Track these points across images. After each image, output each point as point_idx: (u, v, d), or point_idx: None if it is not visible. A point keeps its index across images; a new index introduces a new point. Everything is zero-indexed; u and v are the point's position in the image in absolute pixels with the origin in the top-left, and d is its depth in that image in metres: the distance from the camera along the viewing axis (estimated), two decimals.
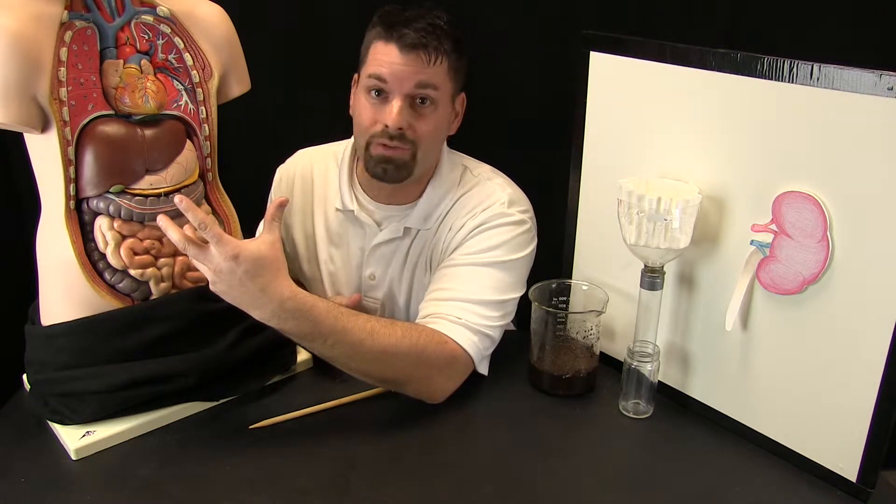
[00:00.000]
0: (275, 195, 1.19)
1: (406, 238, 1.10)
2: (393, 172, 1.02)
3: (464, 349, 0.97)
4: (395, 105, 0.98)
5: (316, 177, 1.15)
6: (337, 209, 1.12)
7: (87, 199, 0.87)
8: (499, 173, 1.12)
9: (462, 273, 1.03)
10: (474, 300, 0.99)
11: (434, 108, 1.00)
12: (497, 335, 1.03)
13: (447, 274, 1.04)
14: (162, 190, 0.89)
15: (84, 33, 0.84)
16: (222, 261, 0.81)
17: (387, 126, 0.98)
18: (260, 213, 1.28)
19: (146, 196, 0.88)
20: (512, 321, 1.05)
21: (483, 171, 1.11)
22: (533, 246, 1.07)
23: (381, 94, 0.99)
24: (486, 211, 1.05)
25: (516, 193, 1.08)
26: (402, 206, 1.09)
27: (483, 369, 1.02)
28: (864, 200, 0.76)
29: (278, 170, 1.20)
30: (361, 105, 1.02)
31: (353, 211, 1.10)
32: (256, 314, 0.84)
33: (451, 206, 1.08)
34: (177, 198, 0.82)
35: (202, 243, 0.82)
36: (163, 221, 0.83)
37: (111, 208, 0.86)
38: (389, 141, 0.99)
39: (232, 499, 0.79)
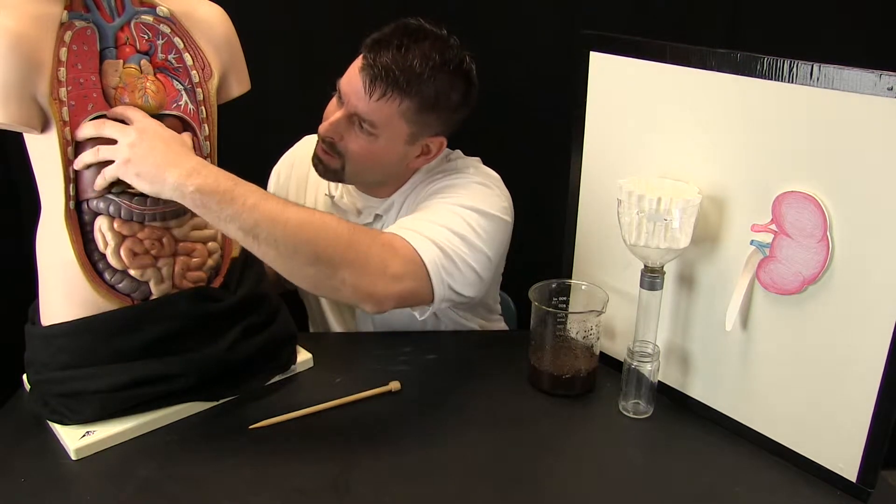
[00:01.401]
0: (273, 176, 1.25)
1: (377, 223, 1.13)
2: (323, 172, 1.06)
3: (412, 246, 0.91)
4: (335, 115, 1.01)
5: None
6: (326, 194, 1.17)
7: (88, 199, 0.87)
8: (483, 167, 1.12)
9: (425, 206, 1.01)
10: (438, 222, 0.96)
11: (373, 138, 1.00)
12: (465, 270, 0.96)
13: (412, 213, 1.03)
14: None
15: (84, 33, 0.84)
16: (141, 118, 0.82)
17: None
18: None
19: (146, 196, 0.88)
20: (509, 321, 1.06)
21: (467, 161, 1.12)
22: (507, 219, 1.05)
23: (341, 100, 1.01)
24: (450, 176, 1.06)
25: (492, 176, 1.09)
26: (378, 199, 1.13)
27: (441, 293, 0.95)
28: (864, 200, 0.76)
29: (285, 153, 1.25)
30: (331, 101, 1.05)
31: (334, 197, 1.15)
32: (174, 174, 0.80)
33: (425, 186, 1.09)
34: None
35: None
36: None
37: (111, 208, 0.86)
38: (323, 144, 1.03)
39: (232, 499, 0.79)
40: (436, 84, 0.97)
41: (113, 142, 0.82)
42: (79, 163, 0.83)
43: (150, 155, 0.80)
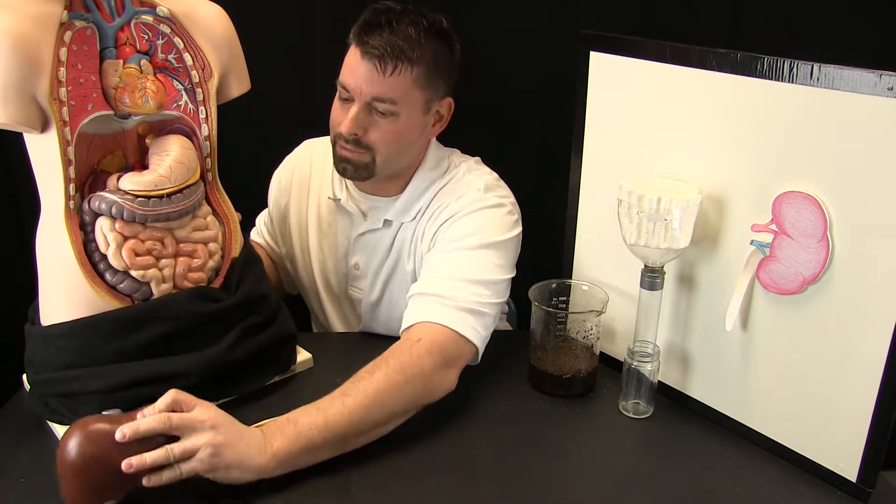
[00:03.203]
0: (275, 180, 1.24)
1: (388, 229, 1.12)
2: (353, 172, 1.05)
3: (450, 330, 0.93)
4: (352, 111, 1.01)
5: (314, 166, 1.19)
6: (329, 198, 1.16)
7: (89, 199, 0.87)
8: (483, 166, 1.12)
9: (447, 258, 1.01)
10: (465, 278, 0.97)
11: (394, 118, 1.01)
12: (493, 313, 0.99)
13: (433, 261, 1.03)
14: (166, 191, 0.89)
15: (84, 33, 0.84)
16: (213, 415, 0.78)
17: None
18: (259, 213, 1.29)
19: (149, 197, 0.88)
20: (509, 321, 1.06)
21: (468, 163, 1.12)
22: (518, 230, 1.06)
23: (348, 97, 1.01)
24: (461, 199, 1.05)
25: (495, 181, 1.09)
26: (386, 199, 1.12)
27: (482, 343, 0.98)
28: (864, 200, 0.76)
29: (286, 157, 1.24)
30: (333, 105, 1.05)
31: (340, 199, 1.14)
32: (254, 473, 0.79)
33: (432, 198, 1.09)
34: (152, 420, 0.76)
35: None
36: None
37: (113, 209, 0.86)
38: (346, 144, 1.03)
39: (232, 499, 0.79)
40: (432, 46, 1.00)
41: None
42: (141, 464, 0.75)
43: (224, 468, 0.78)
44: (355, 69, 0.99)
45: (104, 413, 0.79)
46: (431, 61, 1.00)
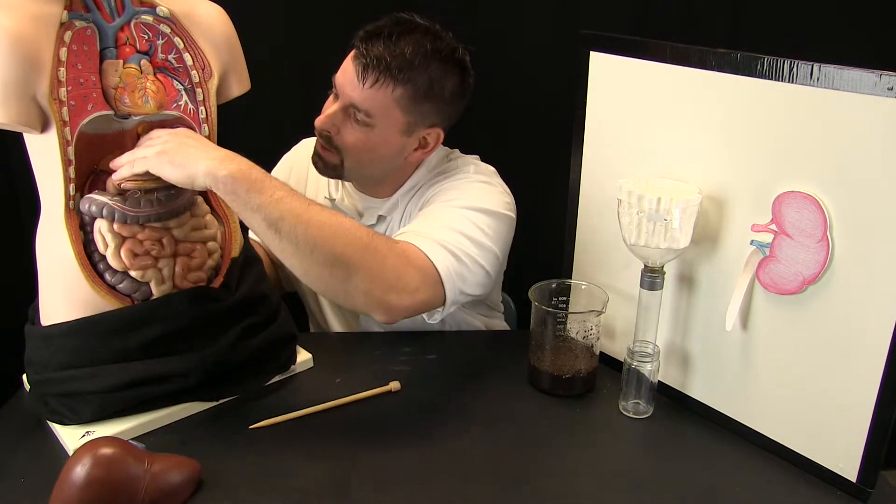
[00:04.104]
0: None
1: (381, 225, 1.13)
2: (323, 169, 1.07)
3: (425, 254, 0.92)
4: (331, 108, 1.01)
5: (311, 166, 1.18)
6: (325, 197, 1.16)
7: (82, 201, 0.87)
8: (482, 163, 1.13)
9: (433, 210, 1.01)
10: (447, 225, 0.97)
11: (368, 128, 1.00)
12: (471, 267, 0.97)
13: (419, 217, 1.03)
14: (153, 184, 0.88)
15: (84, 33, 0.84)
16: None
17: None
18: None
19: (139, 199, 0.88)
20: (509, 321, 1.06)
21: (466, 159, 1.12)
22: (511, 215, 1.06)
23: (335, 94, 1.02)
24: (452, 177, 1.07)
25: (491, 173, 1.10)
26: (380, 199, 1.13)
27: (452, 297, 0.96)
28: (864, 200, 0.76)
29: (283, 156, 1.26)
30: (327, 100, 1.06)
31: (335, 199, 1.15)
32: (208, 161, 0.81)
33: (428, 188, 1.09)
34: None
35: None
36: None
37: (104, 211, 0.86)
38: (320, 139, 1.04)
39: (232, 499, 0.79)
40: (428, 72, 0.98)
41: None
42: (118, 176, 0.86)
43: (183, 146, 0.83)
44: (346, 69, 1.00)
45: (130, 441, 0.79)
46: (423, 86, 0.98)
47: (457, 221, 0.98)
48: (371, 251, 0.87)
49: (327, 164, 1.05)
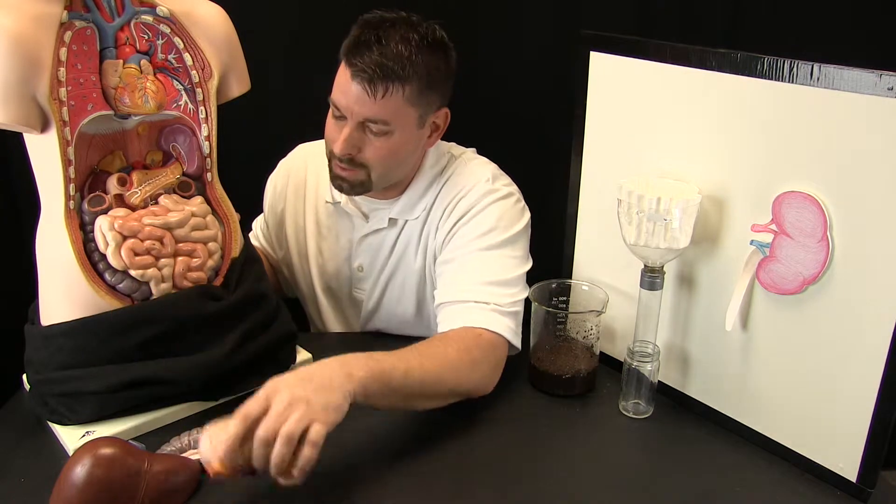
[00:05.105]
0: (270, 185, 1.24)
1: (392, 228, 1.12)
2: (349, 189, 1.05)
3: (502, 336, 0.97)
4: (345, 132, 0.99)
5: (309, 171, 1.18)
6: (327, 202, 1.15)
7: (88, 199, 0.87)
8: (480, 157, 1.13)
9: (470, 261, 1.02)
10: (493, 281, 0.99)
11: (387, 136, 1.00)
12: (521, 309, 1.02)
13: (455, 265, 1.03)
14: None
15: (84, 33, 0.84)
16: (280, 387, 0.77)
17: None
18: (259, 213, 1.29)
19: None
20: None
21: (466, 154, 1.12)
22: (527, 216, 1.07)
23: (340, 116, 1.00)
24: (471, 192, 1.06)
25: (497, 170, 1.10)
26: (387, 201, 1.11)
27: (517, 340, 1.01)
28: (864, 200, 0.76)
29: (280, 162, 1.23)
30: (327, 120, 1.04)
31: (340, 203, 1.13)
32: (340, 394, 0.78)
33: (437, 193, 1.09)
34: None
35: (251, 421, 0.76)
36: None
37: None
38: (341, 163, 1.02)
39: (232, 499, 0.79)
40: (425, 61, 0.97)
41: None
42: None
43: (303, 389, 0.77)
44: (346, 90, 0.97)
45: (130, 441, 0.78)
46: (424, 77, 0.98)
47: (497, 271, 1.01)
48: (470, 367, 0.93)
49: (353, 184, 1.03)
